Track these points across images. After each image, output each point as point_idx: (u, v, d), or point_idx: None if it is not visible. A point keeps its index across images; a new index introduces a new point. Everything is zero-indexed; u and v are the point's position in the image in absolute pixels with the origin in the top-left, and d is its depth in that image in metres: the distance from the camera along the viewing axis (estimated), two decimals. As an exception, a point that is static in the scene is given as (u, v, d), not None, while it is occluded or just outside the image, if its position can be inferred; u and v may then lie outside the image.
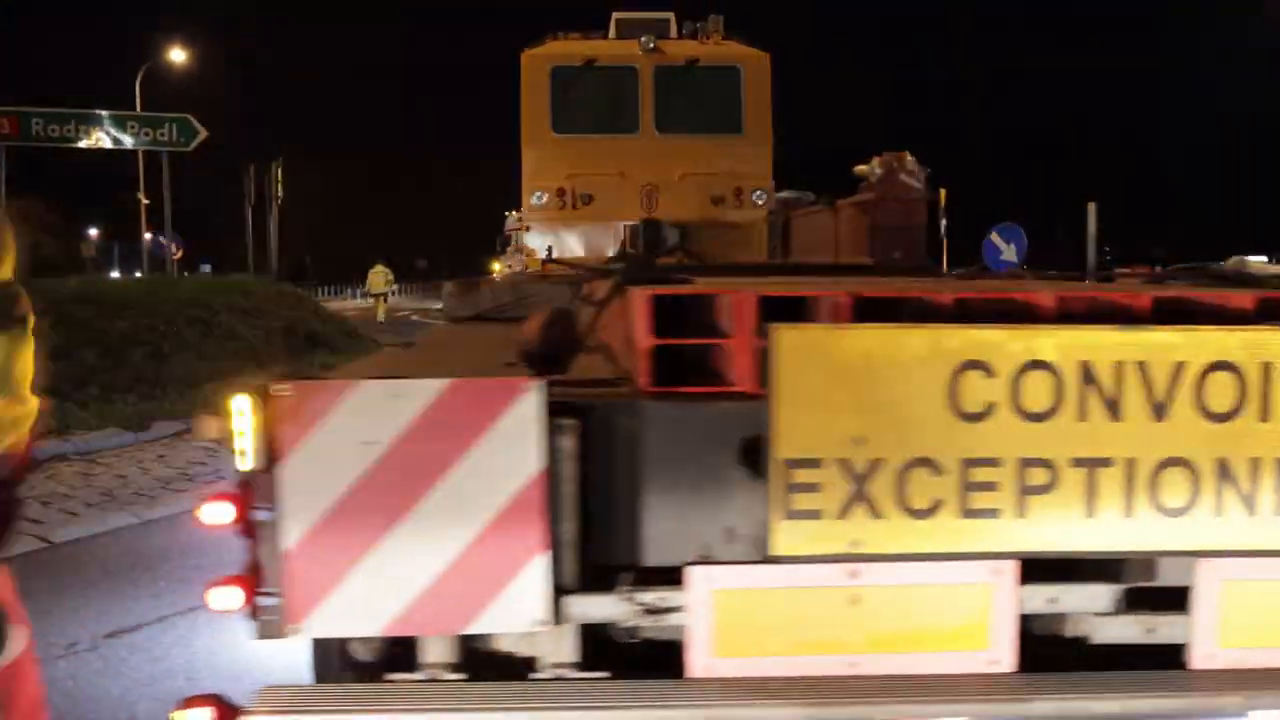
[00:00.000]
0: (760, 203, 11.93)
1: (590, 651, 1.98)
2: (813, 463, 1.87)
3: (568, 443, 1.89)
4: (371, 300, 22.47)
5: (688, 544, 2.01)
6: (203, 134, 14.83)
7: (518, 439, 1.83)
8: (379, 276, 23.82)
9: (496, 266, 39.71)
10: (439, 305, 34.64)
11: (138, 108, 18.68)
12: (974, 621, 1.94)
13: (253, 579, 1.86)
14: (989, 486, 1.88)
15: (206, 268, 30.17)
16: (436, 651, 1.96)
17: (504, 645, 2.00)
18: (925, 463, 1.88)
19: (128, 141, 14.52)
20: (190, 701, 1.89)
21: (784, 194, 7.52)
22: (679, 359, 2.16)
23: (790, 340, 1.86)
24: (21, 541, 5.49)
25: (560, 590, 1.89)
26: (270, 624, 1.85)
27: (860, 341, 1.87)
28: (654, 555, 2.01)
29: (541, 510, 1.84)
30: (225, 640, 4.20)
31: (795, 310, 2.17)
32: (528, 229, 11.97)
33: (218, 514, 1.87)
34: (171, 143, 14.84)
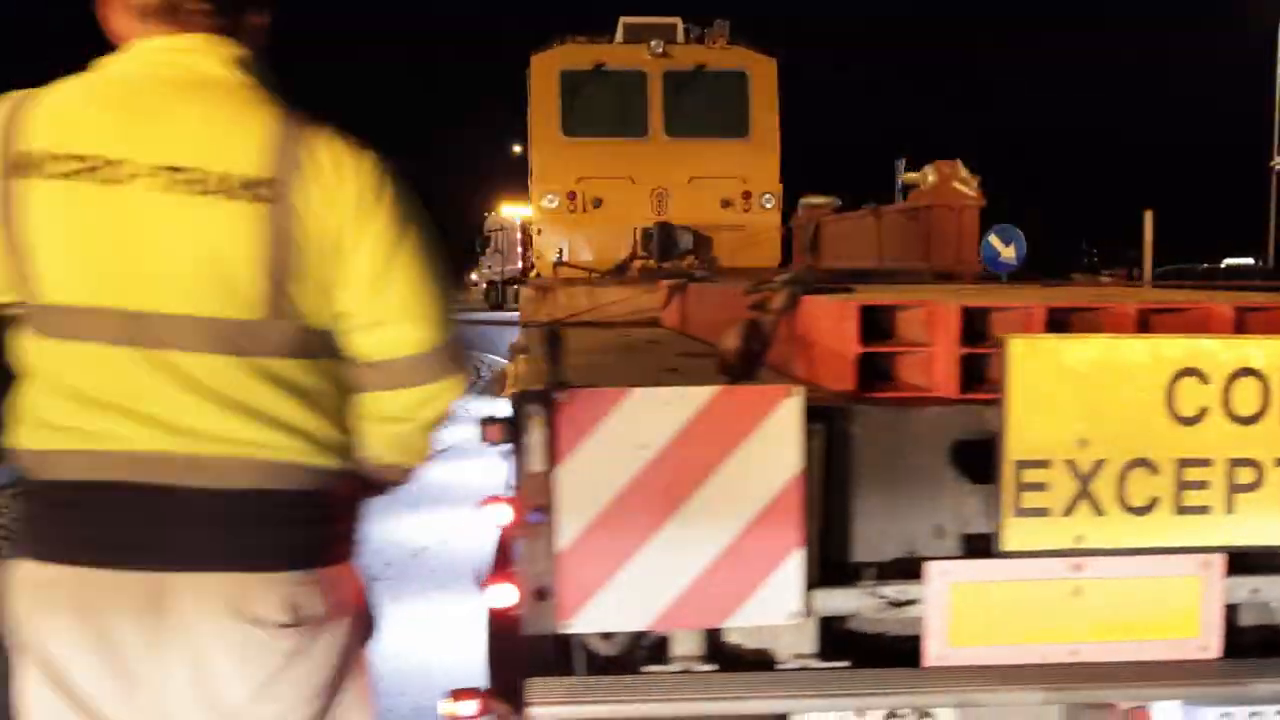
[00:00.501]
0: (768, 206, 12.12)
1: (827, 643, 2.11)
2: (1041, 463, 2.01)
3: (816, 445, 2.02)
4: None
5: (898, 541, 2.15)
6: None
7: (780, 442, 1.96)
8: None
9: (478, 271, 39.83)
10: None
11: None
12: (1185, 611, 2.09)
13: (526, 577, 1.96)
14: (1201, 485, 2.04)
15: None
16: (687, 645, 2.07)
17: (746, 639, 2.12)
18: (1143, 463, 2.03)
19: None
20: (458, 694, 1.98)
21: (812, 199, 7.68)
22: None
23: (1023, 349, 2.00)
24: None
25: (807, 585, 2.01)
26: (542, 621, 1.96)
27: (1086, 351, 2.01)
28: (863, 552, 2.14)
29: (800, 509, 1.97)
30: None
31: (987, 319, 2.32)
32: (539, 232, 12.08)
33: (498, 516, 1.97)
34: None
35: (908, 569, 2.12)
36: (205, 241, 1.44)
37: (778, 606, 1.99)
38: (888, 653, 2.12)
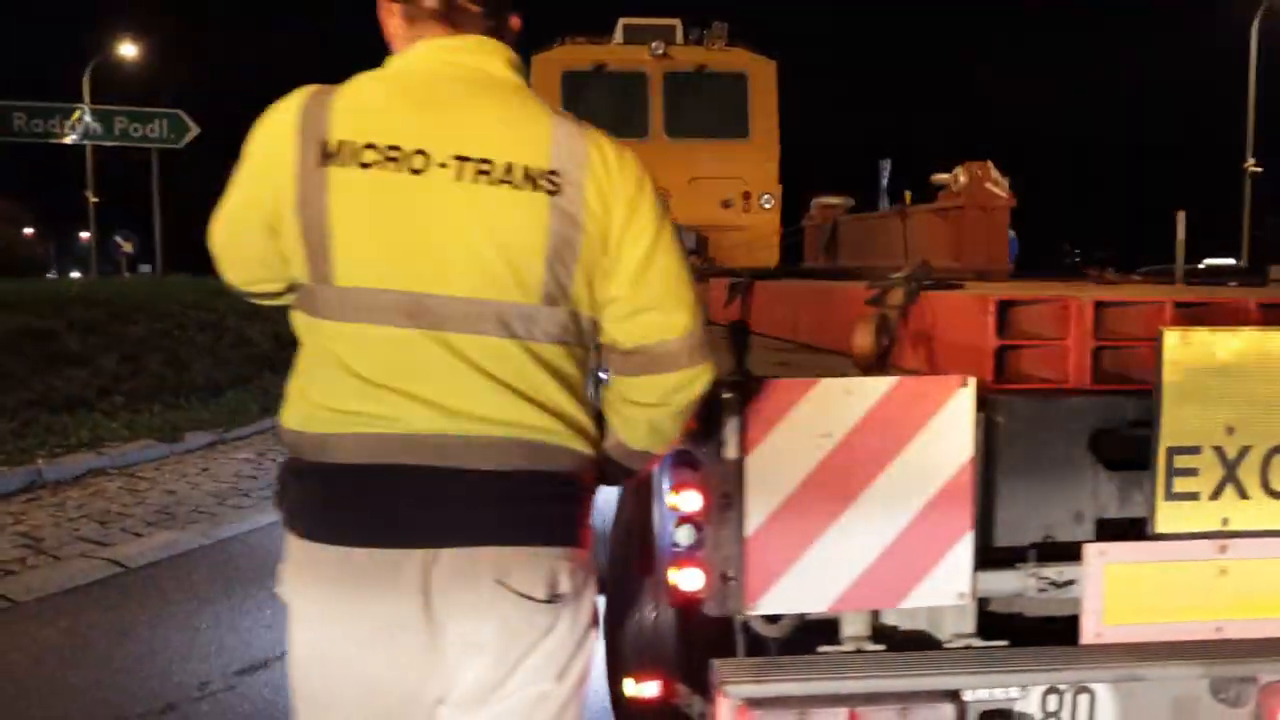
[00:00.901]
0: (768, 207, 12.26)
1: (981, 623, 2.20)
2: (1192, 450, 2.11)
3: (979, 434, 2.10)
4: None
5: (1038, 525, 2.25)
6: (194, 130, 14.50)
7: (953, 429, 2.04)
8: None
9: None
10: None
11: (86, 101, 18.18)
12: (1322, 588, 2.21)
13: (713, 562, 2.03)
14: (1338, 470, 2.15)
15: (146, 268, 29.38)
16: (855, 626, 2.15)
17: (904, 619, 2.20)
18: (1286, 449, 2.14)
19: (114, 137, 14.06)
20: (640, 676, 2.04)
21: (826, 199, 7.78)
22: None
23: (1176, 342, 2.10)
24: (94, 566, 5.34)
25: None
26: (727, 604, 2.03)
27: (1235, 343, 2.12)
28: (1007, 536, 2.23)
29: (971, 494, 2.05)
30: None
31: (1115, 314, 2.42)
32: (540, 231, 12.13)
33: (686, 502, 2.04)
34: (162, 139, 14.43)
35: (1049, 552, 2.21)
36: (494, 228, 1.49)
37: (948, 588, 2.07)
38: (1034, 632, 2.22)
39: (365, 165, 1.46)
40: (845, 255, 7.43)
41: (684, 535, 2.05)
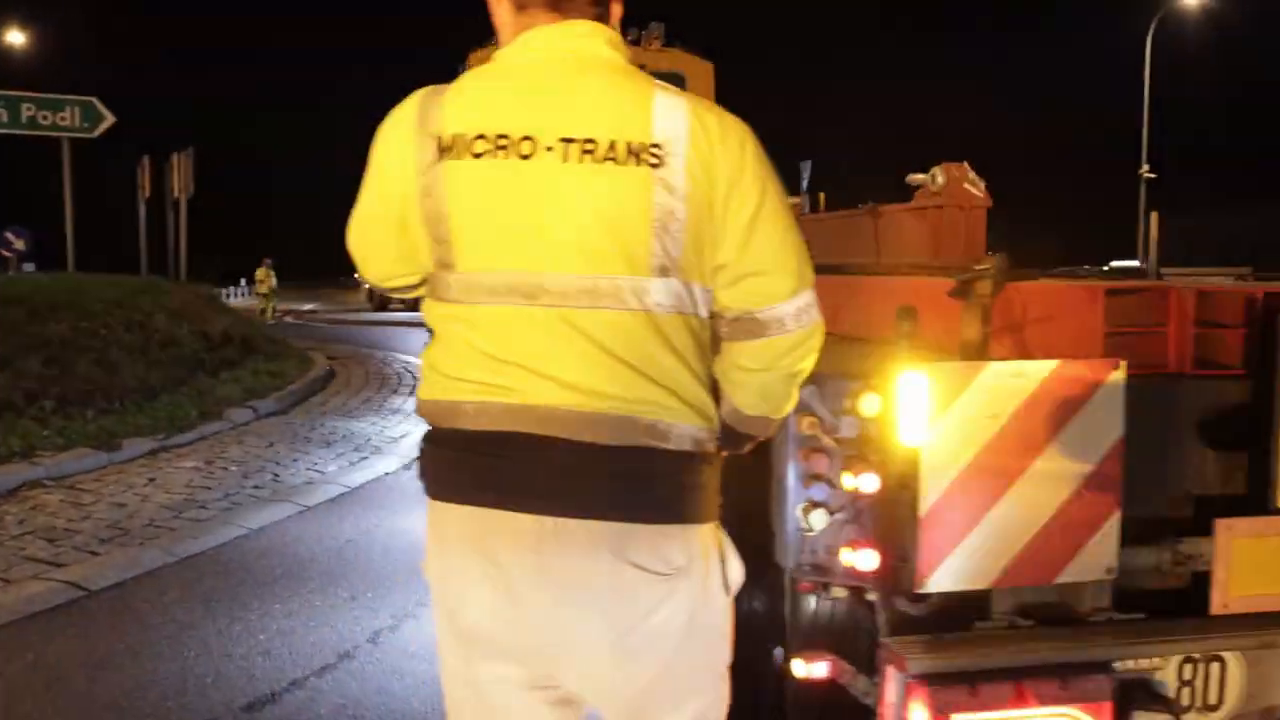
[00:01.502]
0: (705, 207, 12.42)
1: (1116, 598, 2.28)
2: (1306, 428, 2.25)
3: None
4: (257, 300, 21.47)
5: (1156, 502, 2.35)
6: (108, 119, 13.71)
7: (1106, 410, 2.11)
8: (264, 275, 22.86)
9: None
10: (309, 306, 32.88)
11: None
12: None
13: (887, 543, 2.06)
14: None
15: (30, 267, 27.87)
16: (1004, 602, 2.21)
17: (1042, 595, 2.27)
18: (1389, 425, 2.29)
19: (21, 125, 13.14)
20: (809, 656, 2.05)
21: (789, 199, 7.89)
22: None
23: (1292, 326, 2.23)
24: (52, 590, 4.73)
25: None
26: (900, 583, 2.06)
27: (1343, 327, 2.26)
28: (1129, 512, 2.33)
29: (1119, 473, 2.13)
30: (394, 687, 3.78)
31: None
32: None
33: (865, 484, 2.06)
34: (73, 128, 13.57)
35: (1172, 528, 2.31)
36: (603, 205, 1.51)
37: (1096, 563, 2.14)
38: (1146, 605, 2.32)
39: (477, 155, 1.51)
40: (812, 251, 7.50)
41: (860, 516, 2.07)
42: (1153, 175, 22.16)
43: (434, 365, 1.61)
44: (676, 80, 12.50)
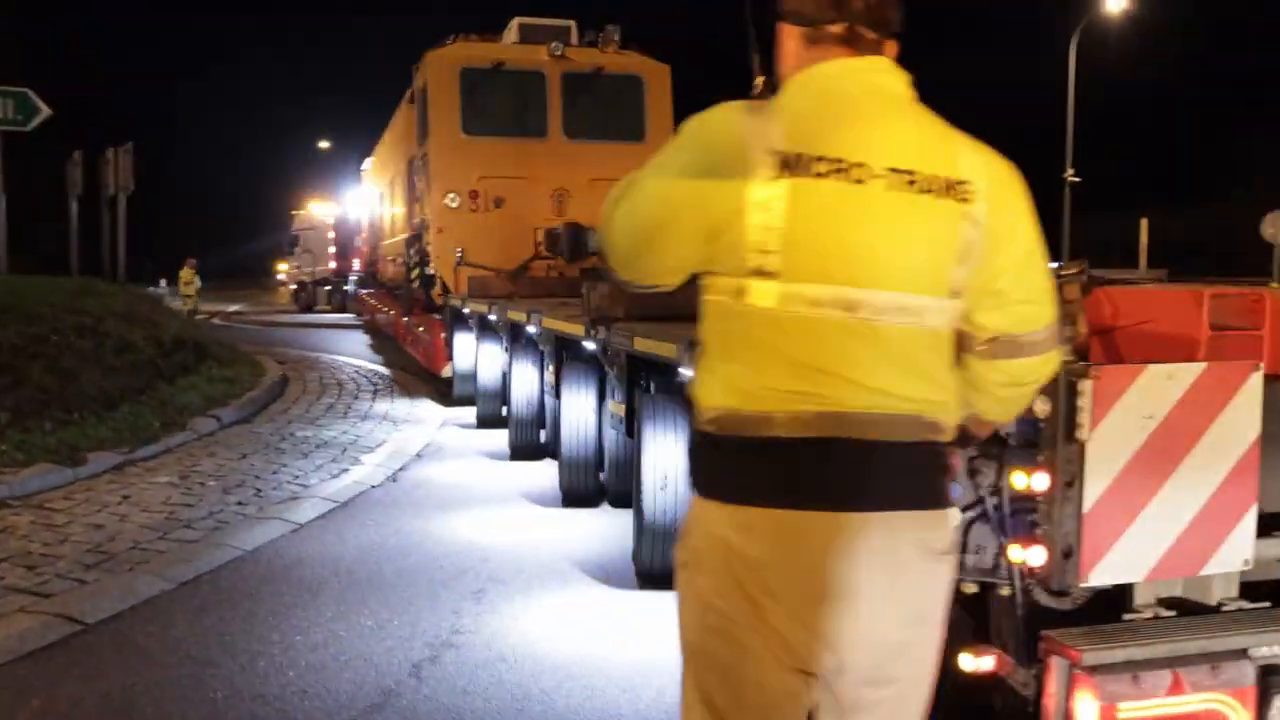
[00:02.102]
0: (663, 209, 12.45)
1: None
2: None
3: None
4: (182, 301, 20.69)
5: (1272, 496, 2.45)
6: (45, 112, 13.04)
7: (1247, 409, 2.20)
8: (189, 276, 22.07)
9: (284, 267, 37.54)
10: (235, 307, 31.82)
11: None
12: None
13: (1055, 539, 2.11)
14: None
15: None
16: (1145, 595, 2.29)
17: (1171, 588, 2.36)
18: None
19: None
20: (978, 650, 2.09)
21: None
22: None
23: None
24: (46, 625, 4.29)
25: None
26: (1065, 578, 2.12)
27: None
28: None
29: (1256, 468, 2.23)
30: None
31: None
32: (439, 231, 11.77)
33: (1036, 482, 2.11)
34: (6, 120, 12.85)
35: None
36: (920, 231, 1.66)
37: (1236, 555, 2.24)
38: (1274, 593, 2.43)
39: (819, 175, 1.61)
40: None
41: (1021, 515, 2.12)
42: (1077, 179, 22.97)
43: (729, 374, 1.68)
44: (635, 82, 12.51)
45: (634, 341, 4.80)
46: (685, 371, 4.42)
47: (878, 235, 1.63)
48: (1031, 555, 2.13)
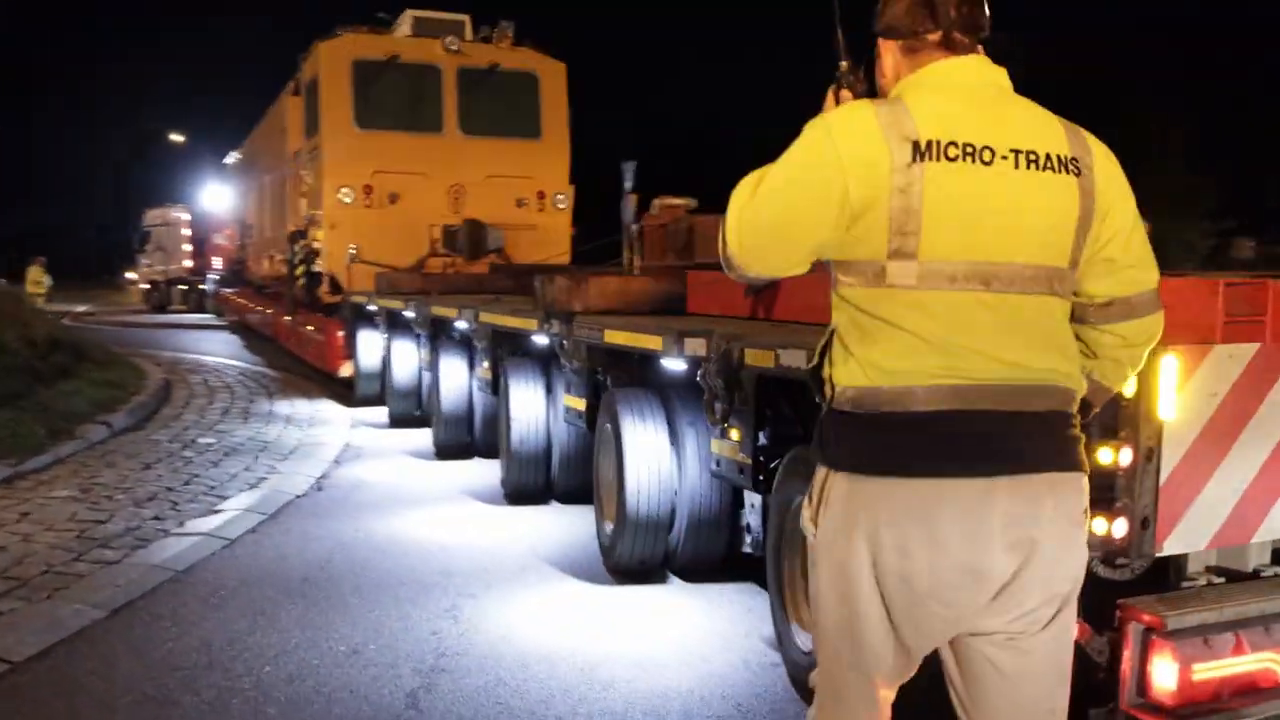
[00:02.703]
0: (562, 206, 12.38)
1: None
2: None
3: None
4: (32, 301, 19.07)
5: None
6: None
7: (1290, 387, 2.37)
8: (38, 275, 20.38)
9: (133, 270, 35.15)
10: (83, 308, 29.63)
11: None
12: None
13: (1134, 511, 2.20)
14: None
15: None
16: (1197, 564, 2.42)
17: (1210, 559, 2.50)
18: None
19: None
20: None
21: (669, 200, 7.99)
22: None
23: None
24: None
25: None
26: (1143, 548, 2.22)
27: None
28: None
29: (1299, 440, 2.39)
30: None
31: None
32: (331, 226, 11.31)
33: (1123, 458, 2.19)
34: None
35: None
36: (1045, 206, 1.77)
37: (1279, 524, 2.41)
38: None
39: (951, 159, 1.72)
40: (705, 253, 7.60)
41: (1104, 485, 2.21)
42: None
43: (865, 355, 1.77)
44: (530, 80, 12.36)
45: (605, 335, 4.73)
46: (669, 363, 4.40)
47: (1008, 211, 1.73)
48: (1116, 527, 2.22)
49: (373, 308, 9.56)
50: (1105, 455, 2.25)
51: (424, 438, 8.05)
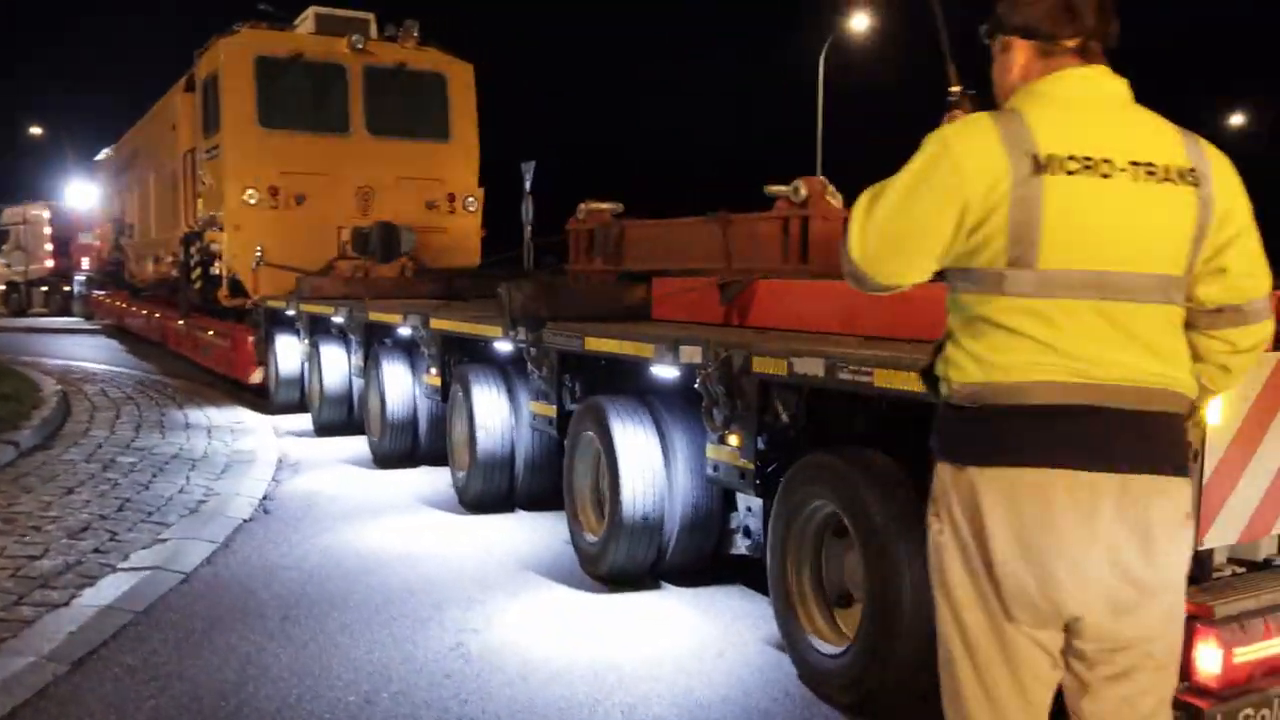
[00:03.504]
0: (472, 209, 12.17)
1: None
2: None
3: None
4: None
5: None
6: None
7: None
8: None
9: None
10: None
11: None
12: None
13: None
14: None
15: None
16: (1221, 555, 2.61)
17: (1225, 551, 2.70)
18: None
19: None
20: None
21: (595, 205, 7.98)
22: None
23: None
24: None
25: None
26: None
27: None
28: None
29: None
30: None
31: None
32: (236, 228, 10.80)
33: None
34: None
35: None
36: (1162, 217, 1.83)
37: (1300, 517, 2.61)
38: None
39: (1070, 173, 1.78)
40: (636, 258, 7.59)
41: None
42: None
43: (983, 355, 1.83)
44: (438, 80, 12.11)
45: (585, 342, 4.71)
46: (660, 371, 4.42)
47: (1125, 222, 1.79)
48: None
49: (291, 312, 9.19)
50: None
51: (360, 446, 7.77)
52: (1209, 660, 2.40)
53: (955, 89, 2.09)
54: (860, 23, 24.10)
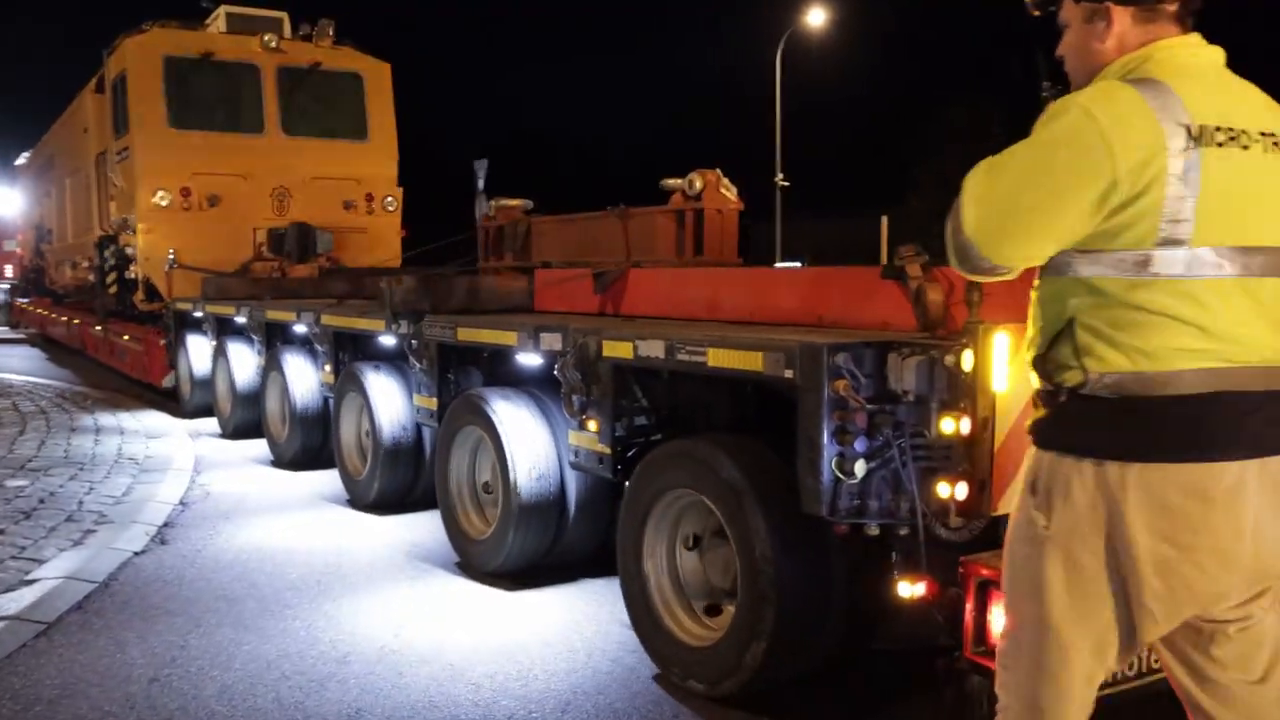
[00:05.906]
0: (391, 209, 12.05)
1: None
2: None
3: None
4: None
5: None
6: None
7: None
8: None
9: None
10: None
11: None
12: None
13: (973, 476, 2.43)
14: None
15: None
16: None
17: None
18: None
19: None
20: (912, 578, 2.35)
21: (505, 201, 7.98)
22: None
23: None
24: None
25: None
26: (981, 508, 2.46)
27: None
28: None
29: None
30: None
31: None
32: (147, 230, 10.57)
33: (964, 427, 2.40)
34: None
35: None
36: None
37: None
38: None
39: (1220, 145, 1.69)
40: (543, 253, 7.61)
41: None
42: (786, 184, 24.65)
43: (1128, 342, 1.70)
44: (354, 80, 11.98)
45: (458, 333, 4.70)
46: (524, 358, 4.40)
47: (1265, 195, 1.72)
48: (959, 490, 2.45)
49: (199, 314, 9.02)
50: (948, 425, 2.47)
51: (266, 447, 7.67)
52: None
53: (1046, 83, 1.94)
54: (817, 17, 24.26)
